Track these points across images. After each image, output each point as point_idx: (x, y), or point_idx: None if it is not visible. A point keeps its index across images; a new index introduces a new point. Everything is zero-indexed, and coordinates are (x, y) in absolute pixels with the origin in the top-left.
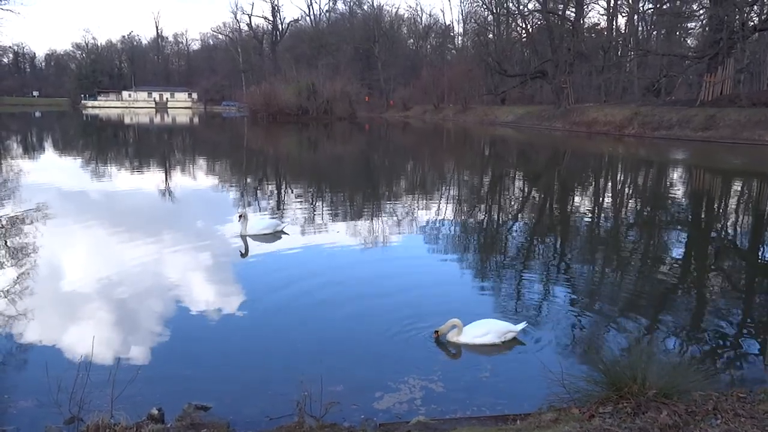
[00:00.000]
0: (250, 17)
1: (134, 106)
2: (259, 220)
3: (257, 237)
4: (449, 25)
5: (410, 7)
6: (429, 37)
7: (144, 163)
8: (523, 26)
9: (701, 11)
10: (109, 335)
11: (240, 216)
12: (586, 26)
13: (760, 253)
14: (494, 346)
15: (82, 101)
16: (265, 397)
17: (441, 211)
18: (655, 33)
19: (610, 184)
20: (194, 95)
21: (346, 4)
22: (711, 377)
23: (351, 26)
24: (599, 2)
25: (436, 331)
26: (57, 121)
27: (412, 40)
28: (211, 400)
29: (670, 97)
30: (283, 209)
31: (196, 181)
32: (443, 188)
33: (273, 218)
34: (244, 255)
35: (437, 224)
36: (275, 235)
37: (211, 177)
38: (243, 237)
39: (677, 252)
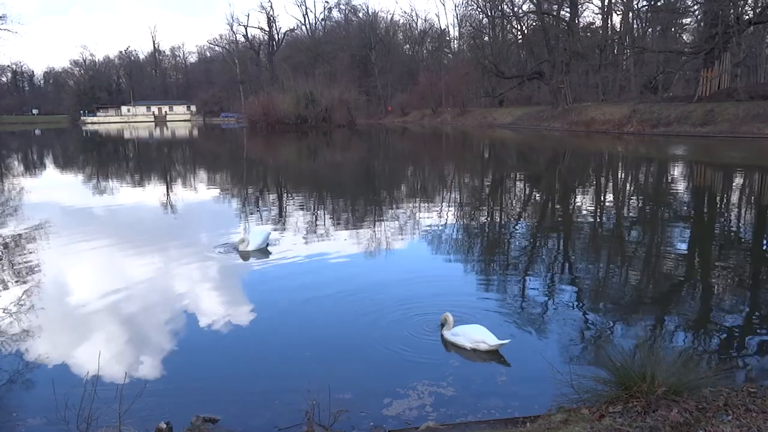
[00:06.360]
0: (246, 28)
1: (133, 121)
2: (258, 234)
3: (258, 250)
4: (444, 29)
5: (405, 12)
6: (425, 42)
7: (145, 177)
8: (519, 28)
9: (695, 6)
10: (115, 350)
11: (241, 241)
12: (581, 26)
13: (764, 247)
14: (493, 351)
15: (82, 118)
16: (273, 408)
17: (444, 215)
18: (650, 30)
19: (611, 182)
20: (193, 108)
21: (342, 12)
22: (720, 373)
23: (347, 34)
24: (594, 1)
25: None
26: (57, 138)
27: (408, 46)
28: (219, 412)
29: (667, 94)
30: (285, 218)
31: (198, 193)
32: (444, 193)
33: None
34: (246, 258)
35: (441, 229)
36: (269, 246)
37: (212, 189)
38: (244, 252)
39: (681, 248)
